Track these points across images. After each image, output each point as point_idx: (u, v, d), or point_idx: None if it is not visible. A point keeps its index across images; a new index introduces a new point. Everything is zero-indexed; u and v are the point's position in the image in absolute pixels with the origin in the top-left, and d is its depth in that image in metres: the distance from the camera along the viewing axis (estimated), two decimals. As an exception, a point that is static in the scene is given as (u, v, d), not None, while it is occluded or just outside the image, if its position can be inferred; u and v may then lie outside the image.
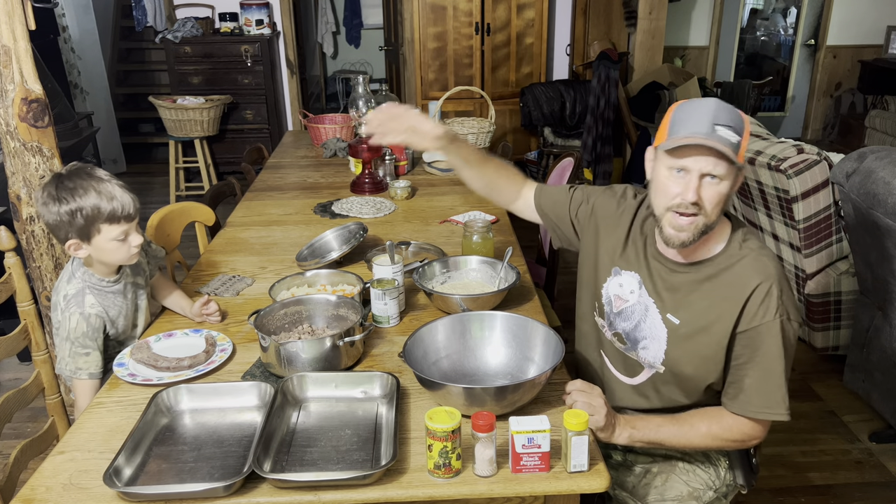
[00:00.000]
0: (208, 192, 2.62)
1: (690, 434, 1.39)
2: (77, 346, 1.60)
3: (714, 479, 1.54)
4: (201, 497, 1.17)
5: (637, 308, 1.48)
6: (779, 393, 1.35)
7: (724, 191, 1.30)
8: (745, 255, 1.37)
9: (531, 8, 4.96)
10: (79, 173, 1.55)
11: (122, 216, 1.55)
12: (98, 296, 1.62)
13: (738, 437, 1.40)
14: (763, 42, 7.49)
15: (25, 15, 2.05)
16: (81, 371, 1.61)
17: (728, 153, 1.26)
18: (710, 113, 1.28)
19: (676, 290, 1.42)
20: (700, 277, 1.39)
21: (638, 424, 1.38)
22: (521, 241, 2.22)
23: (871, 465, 2.41)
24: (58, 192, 1.52)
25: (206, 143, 5.16)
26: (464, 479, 1.21)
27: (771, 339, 1.33)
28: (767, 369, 1.34)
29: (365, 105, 2.67)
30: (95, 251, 1.57)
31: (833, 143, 6.56)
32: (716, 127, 1.27)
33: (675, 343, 1.43)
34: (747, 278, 1.34)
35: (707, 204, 1.30)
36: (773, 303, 1.32)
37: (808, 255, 2.77)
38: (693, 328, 1.40)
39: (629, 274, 1.49)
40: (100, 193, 1.53)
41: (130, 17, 6.10)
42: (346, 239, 2.13)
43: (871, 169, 2.26)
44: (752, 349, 1.35)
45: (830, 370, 2.93)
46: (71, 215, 1.51)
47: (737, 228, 1.40)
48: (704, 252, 1.40)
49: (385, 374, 1.46)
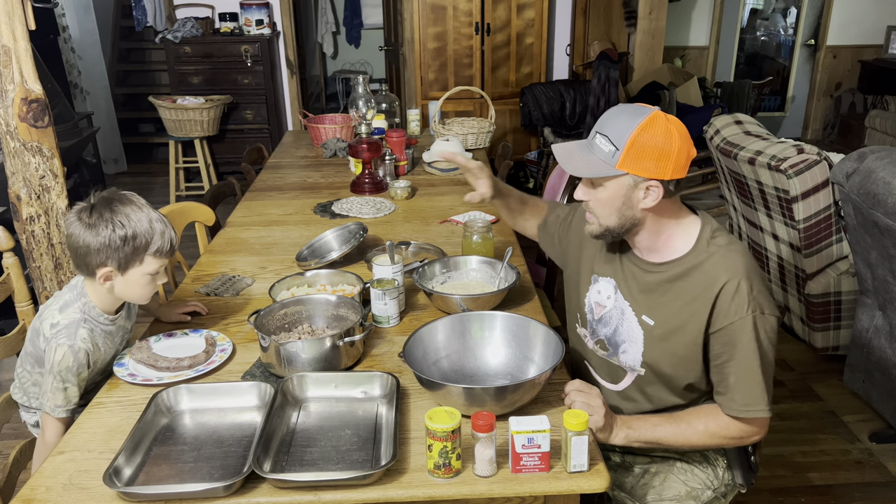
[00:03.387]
0: (208, 192, 2.62)
1: (688, 433, 1.39)
2: (59, 380, 1.48)
3: (712, 479, 1.55)
4: (201, 497, 1.17)
5: (614, 312, 1.49)
6: (757, 389, 1.34)
7: (604, 196, 1.36)
8: (712, 252, 1.37)
9: (531, 8, 4.96)
10: (131, 200, 1.50)
11: (168, 251, 1.52)
12: (91, 332, 1.52)
13: (736, 435, 1.40)
14: (763, 42, 7.49)
15: (25, 15, 2.05)
16: (59, 408, 1.49)
17: (581, 167, 1.35)
18: (603, 119, 1.35)
19: (651, 291, 1.43)
20: (671, 277, 1.40)
21: (634, 424, 1.38)
22: (521, 241, 2.22)
23: (871, 465, 2.41)
24: (112, 216, 1.45)
25: (206, 143, 5.16)
26: (464, 479, 1.21)
27: (746, 336, 1.33)
28: (745, 366, 1.34)
29: (365, 105, 2.67)
30: (123, 284, 1.50)
31: (833, 143, 6.56)
32: (596, 135, 1.35)
33: (652, 344, 1.44)
34: (715, 276, 1.35)
35: (593, 208, 1.40)
36: (743, 299, 1.33)
37: (808, 255, 2.77)
38: (667, 329, 1.41)
39: (605, 280, 1.52)
40: (153, 224, 1.49)
41: (130, 17, 6.09)
42: (346, 239, 2.13)
43: (871, 169, 2.25)
44: (730, 347, 1.35)
45: (830, 370, 2.93)
46: (123, 241, 1.45)
47: (705, 225, 1.41)
48: (673, 251, 1.41)
49: (385, 374, 1.45)
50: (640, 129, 1.30)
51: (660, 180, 1.32)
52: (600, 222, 1.40)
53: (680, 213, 1.42)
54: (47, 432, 1.53)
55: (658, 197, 1.33)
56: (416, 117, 3.63)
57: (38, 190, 2.17)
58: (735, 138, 2.93)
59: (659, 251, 1.42)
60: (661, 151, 1.30)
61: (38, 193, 2.17)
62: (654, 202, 1.34)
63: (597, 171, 1.35)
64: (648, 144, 1.30)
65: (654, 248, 1.43)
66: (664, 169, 1.31)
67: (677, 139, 1.31)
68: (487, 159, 3.22)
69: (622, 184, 1.34)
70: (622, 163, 1.31)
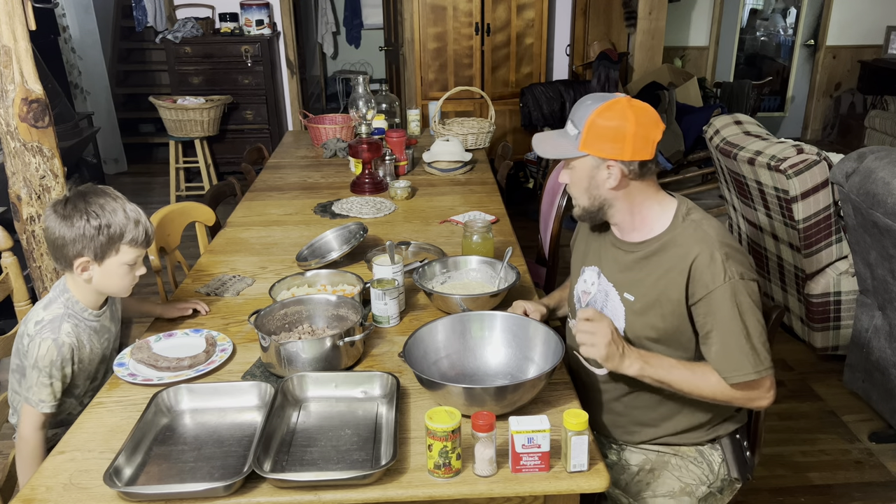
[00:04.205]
0: (208, 192, 2.62)
1: (701, 383, 1.40)
2: (43, 374, 1.49)
3: (707, 474, 1.55)
4: (201, 497, 1.17)
5: (599, 296, 1.54)
6: (740, 354, 1.36)
7: (573, 178, 1.46)
8: (686, 227, 1.43)
9: (531, 8, 4.96)
10: (106, 192, 1.54)
11: (143, 241, 1.54)
12: (76, 327, 1.54)
13: (741, 396, 1.41)
14: (763, 42, 7.49)
15: (26, 15, 2.05)
16: (44, 403, 1.50)
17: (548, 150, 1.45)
18: (574, 106, 1.44)
19: (630, 269, 1.48)
20: (648, 253, 1.46)
21: (652, 360, 1.40)
22: (521, 241, 2.22)
23: (871, 465, 2.41)
24: (87, 207, 1.48)
25: (206, 144, 5.16)
26: (464, 479, 1.21)
27: (726, 304, 1.36)
28: (727, 333, 1.36)
29: (365, 105, 2.67)
30: (102, 275, 1.53)
31: (833, 143, 6.56)
32: (567, 122, 1.45)
33: (633, 320, 1.47)
34: (688, 248, 1.40)
35: (570, 190, 1.49)
36: (718, 267, 1.36)
37: (808, 255, 2.77)
38: (645, 302, 1.45)
39: (590, 269, 1.58)
40: (127, 214, 1.52)
41: (131, 18, 6.09)
42: (346, 239, 2.14)
43: (870, 169, 2.26)
44: (711, 316, 1.38)
45: (830, 370, 2.93)
46: (97, 231, 1.48)
47: (681, 205, 1.47)
48: (650, 230, 1.47)
49: (385, 374, 1.46)
50: (598, 112, 1.38)
51: (619, 161, 1.38)
52: (577, 203, 1.50)
53: (657, 195, 1.47)
54: (26, 426, 1.52)
55: (619, 177, 1.40)
56: (416, 117, 3.63)
57: (39, 190, 2.17)
58: (735, 138, 2.94)
59: (637, 230, 1.48)
60: (617, 133, 1.37)
61: (38, 193, 2.17)
62: (616, 182, 1.40)
63: (560, 153, 1.45)
64: (605, 126, 1.37)
65: (632, 227, 1.48)
66: (621, 149, 1.37)
67: (633, 122, 1.36)
68: (488, 159, 3.22)
69: (586, 164, 1.42)
70: (583, 144, 1.40)
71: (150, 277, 2.23)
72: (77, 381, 1.59)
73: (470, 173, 2.99)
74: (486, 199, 2.66)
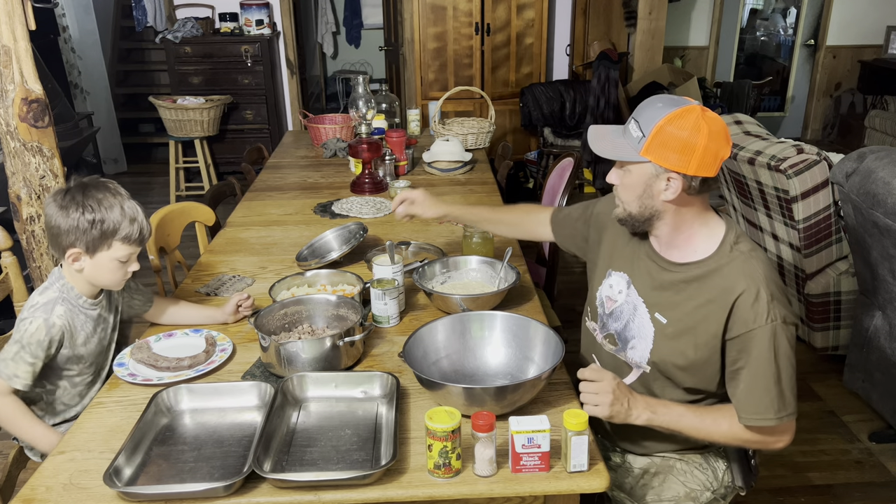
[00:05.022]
0: (208, 192, 2.62)
1: (712, 429, 1.38)
2: (26, 351, 1.49)
3: (712, 481, 1.54)
4: (201, 497, 1.17)
5: (626, 308, 1.48)
6: (767, 398, 1.32)
7: (627, 181, 1.37)
8: (734, 258, 1.36)
9: (531, 8, 4.96)
10: (106, 186, 1.55)
11: (137, 239, 1.55)
12: (70, 310, 1.56)
13: (757, 440, 1.38)
14: (763, 42, 7.48)
15: (25, 15, 2.05)
16: (17, 379, 1.49)
17: (607, 149, 1.36)
18: (641, 105, 1.36)
19: (666, 289, 1.42)
20: (689, 277, 1.39)
21: (659, 410, 1.37)
22: (521, 242, 2.22)
23: (871, 465, 2.41)
24: (84, 200, 1.50)
25: (206, 143, 5.16)
26: (464, 479, 1.21)
27: (763, 345, 1.31)
28: (757, 375, 1.32)
29: (365, 105, 2.67)
30: (93, 267, 1.54)
31: (833, 143, 6.56)
32: (631, 121, 1.35)
33: (661, 342, 1.43)
34: (734, 282, 1.33)
35: (619, 192, 1.41)
36: (762, 308, 1.31)
37: (808, 255, 2.77)
38: (679, 328, 1.40)
39: (619, 275, 1.51)
40: (124, 211, 1.53)
41: (130, 17, 6.09)
42: (346, 239, 2.14)
43: (870, 169, 2.26)
44: (745, 354, 1.34)
45: (830, 370, 2.93)
46: (90, 224, 1.49)
47: (730, 231, 1.40)
48: (694, 252, 1.40)
49: (385, 374, 1.46)
50: (669, 118, 1.29)
51: (682, 174, 1.30)
52: (624, 207, 1.41)
53: (705, 214, 1.40)
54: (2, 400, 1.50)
55: (677, 190, 1.32)
56: (416, 117, 3.63)
57: (39, 190, 2.17)
58: (735, 138, 2.93)
59: (679, 248, 1.41)
60: (686, 144, 1.28)
61: (38, 193, 2.17)
62: (674, 195, 1.32)
63: (620, 155, 1.35)
64: (674, 135, 1.28)
65: (673, 245, 1.42)
66: (687, 163, 1.29)
67: (706, 136, 1.28)
68: (488, 159, 3.22)
69: (644, 171, 1.33)
70: (646, 150, 1.31)
71: (151, 277, 2.23)
72: (70, 365, 1.59)
73: (470, 173, 2.99)
74: (486, 199, 2.66)
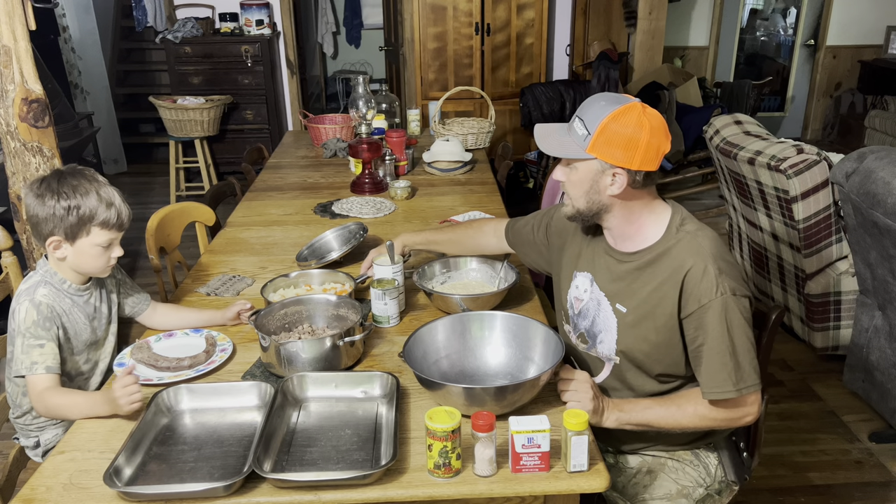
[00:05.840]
0: (208, 193, 2.62)
1: (678, 415, 1.40)
2: (29, 337, 1.48)
3: (704, 477, 1.55)
4: (201, 497, 1.17)
5: (591, 304, 1.52)
6: (724, 371, 1.34)
7: (574, 178, 1.41)
8: (681, 238, 1.40)
9: (531, 8, 4.96)
10: (82, 173, 1.55)
11: (115, 224, 1.54)
12: (54, 293, 1.55)
13: (724, 417, 1.40)
14: (763, 42, 7.48)
15: (26, 15, 2.05)
16: (37, 365, 1.46)
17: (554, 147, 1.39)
18: (584, 104, 1.39)
19: (622, 279, 1.46)
20: (641, 264, 1.43)
21: (625, 407, 1.40)
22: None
23: (871, 465, 2.41)
24: (59, 187, 1.50)
25: (206, 144, 5.16)
26: (464, 479, 1.21)
27: (715, 319, 1.34)
28: (713, 349, 1.35)
29: (365, 105, 2.67)
30: (75, 254, 1.54)
31: (833, 143, 6.56)
32: (575, 119, 1.38)
33: (624, 331, 1.46)
34: (682, 260, 1.37)
35: (566, 189, 1.45)
36: (710, 282, 1.34)
37: (808, 255, 2.77)
38: (638, 315, 1.43)
39: (583, 275, 1.54)
40: (100, 196, 1.52)
41: (131, 18, 6.09)
42: (346, 239, 2.14)
43: (870, 169, 2.26)
44: (702, 331, 1.36)
45: (830, 370, 2.93)
46: (66, 211, 1.49)
47: (675, 214, 1.44)
48: (644, 239, 1.44)
49: (385, 374, 1.46)
50: (613, 116, 1.33)
51: (626, 169, 1.35)
52: (573, 204, 1.45)
53: (652, 203, 1.44)
54: (32, 397, 1.46)
55: (623, 185, 1.36)
56: (416, 117, 3.63)
57: (39, 190, 2.17)
58: (735, 138, 2.93)
59: (632, 239, 1.45)
60: (630, 141, 1.33)
61: (38, 193, 2.17)
62: (620, 189, 1.37)
63: (567, 153, 1.39)
64: (618, 132, 1.33)
65: (625, 236, 1.45)
66: (631, 158, 1.33)
67: (647, 132, 1.32)
68: (488, 159, 3.22)
69: (591, 168, 1.38)
70: (592, 147, 1.35)
71: (151, 277, 2.23)
72: (64, 355, 1.55)
73: (470, 173, 2.99)
74: (486, 199, 2.66)
